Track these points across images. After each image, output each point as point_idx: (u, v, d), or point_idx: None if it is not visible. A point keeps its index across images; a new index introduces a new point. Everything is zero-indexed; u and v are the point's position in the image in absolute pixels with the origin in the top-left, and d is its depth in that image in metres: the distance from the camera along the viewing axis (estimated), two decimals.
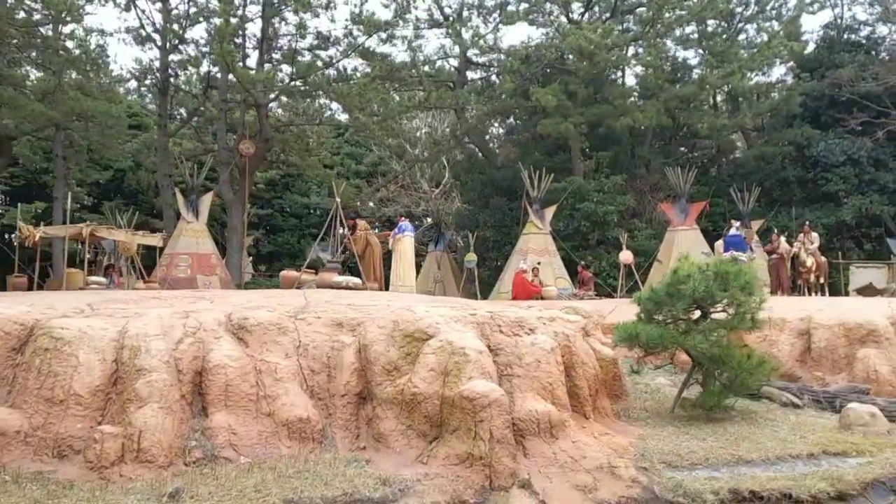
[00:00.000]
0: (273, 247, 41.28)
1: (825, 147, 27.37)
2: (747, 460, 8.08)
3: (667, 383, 11.98)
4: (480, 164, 29.59)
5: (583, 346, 9.79)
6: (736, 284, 9.09)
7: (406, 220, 13.71)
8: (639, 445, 8.26)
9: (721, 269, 9.24)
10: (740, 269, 9.31)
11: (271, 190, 40.51)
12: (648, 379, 12.08)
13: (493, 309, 9.22)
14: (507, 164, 27.23)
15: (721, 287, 9.17)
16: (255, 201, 38.37)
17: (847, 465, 8.10)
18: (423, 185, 38.05)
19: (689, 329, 9.42)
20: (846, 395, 10.70)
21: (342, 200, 35.11)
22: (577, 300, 19.16)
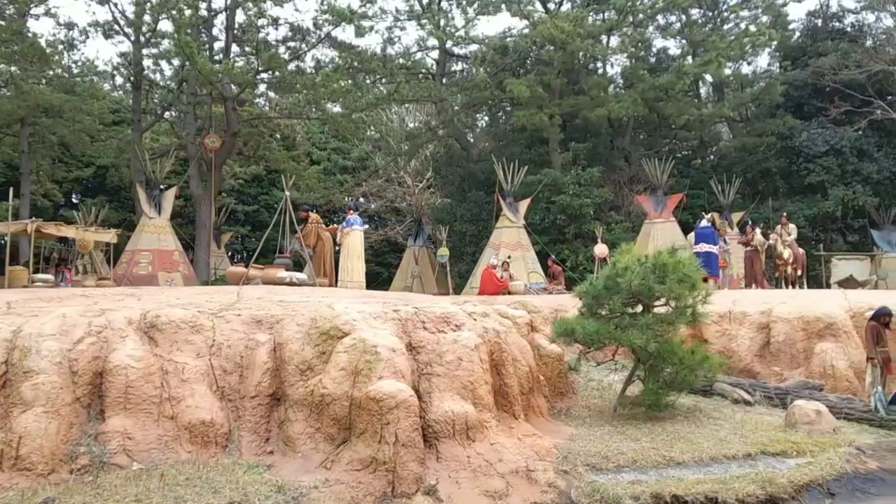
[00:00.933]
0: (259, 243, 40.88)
1: (808, 137, 26.90)
2: (679, 462, 7.68)
3: (619, 380, 11.57)
4: (459, 157, 29.14)
5: (519, 342, 9.39)
6: (674, 277, 8.66)
7: (355, 214, 13.28)
8: (565, 447, 7.86)
9: (659, 262, 8.81)
10: (679, 261, 8.87)
11: (257, 185, 39.95)
12: (602, 375, 11.68)
13: (420, 305, 8.80)
14: (485, 156, 26.73)
15: (658, 280, 8.74)
16: (241, 197, 37.90)
17: (784, 467, 7.70)
18: (407, 179, 37.60)
19: (628, 324, 8.99)
20: (798, 392, 10.28)
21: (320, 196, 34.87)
22: (546, 294, 18.74)
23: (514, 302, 12.52)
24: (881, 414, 9.29)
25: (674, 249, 9.20)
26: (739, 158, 28.50)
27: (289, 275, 12.37)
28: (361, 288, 12.89)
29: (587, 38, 21.88)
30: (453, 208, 27.97)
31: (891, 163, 26.81)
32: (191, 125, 23.29)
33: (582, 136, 27.29)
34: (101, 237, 16.18)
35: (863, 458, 8.08)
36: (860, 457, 8.11)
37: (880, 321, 9.52)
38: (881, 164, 27.00)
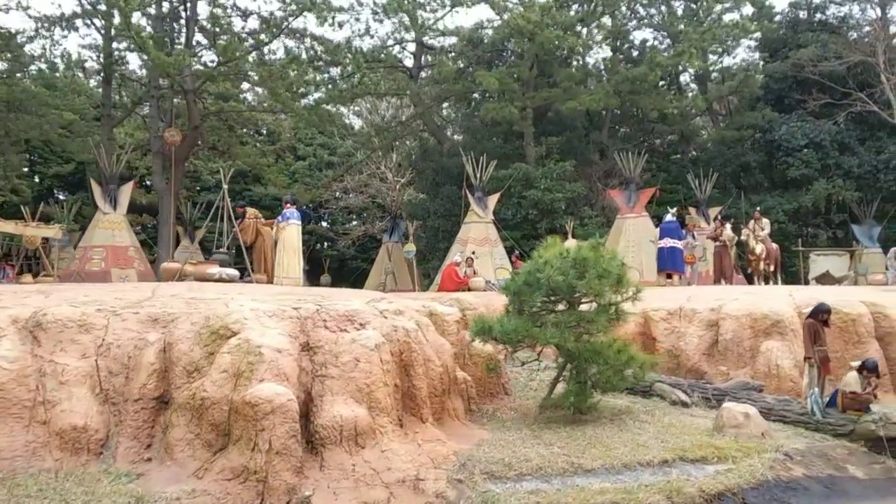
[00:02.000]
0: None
1: (787, 130, 26.36)
2: (588, 469, 7.21)
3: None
4: (434, 151, 28.63)
5: (437, 341, 8.92)
6: (593, 272, 8.17)
7: (292, 207, 12.80)
8: (467, 453, 7.39)
9: (579, 256, 8.32)
10: (601, 255, 8.38)
11: (241, 181, 39.33)
12: (546, 375, 11.21)
13: (326, 302, 8.32)
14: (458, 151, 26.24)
15: (579, 275, 8.25)
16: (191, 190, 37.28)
17: (701, 474, 7.23)
18: (388, 174, 37.14)
19: (546, 322, 8.51)
20: (736, 393, 9.80)
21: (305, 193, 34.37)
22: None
23: (449, 299, 12.04)
24: (817, 417, 8.81)
25: (596, 244, 8.69)
26: (719, 152, 27.97)
27: (218, 271, 11.90)
28: (298, 284, 12.42)
29: (557, 29, 21.32)
30: (427, 203, 27.49)
31: (872, 156, 26.26)
32: (154, 119, 22.79)
33: (557, 130, 26.75)
34: (43, 233, 15.72)
35: (788, 465, 7.62)
36: (786, 463, 7.64)
37: (818, 318, 9.03)
38: (862, 157, 26.45)
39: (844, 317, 10.88)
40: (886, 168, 25.85)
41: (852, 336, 10.81)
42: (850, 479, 7.62)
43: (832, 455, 8.02)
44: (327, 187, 33.39)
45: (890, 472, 7.85)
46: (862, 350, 10.70)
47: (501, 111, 22.52)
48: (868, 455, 8.12)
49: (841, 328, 10.87)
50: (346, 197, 39.63)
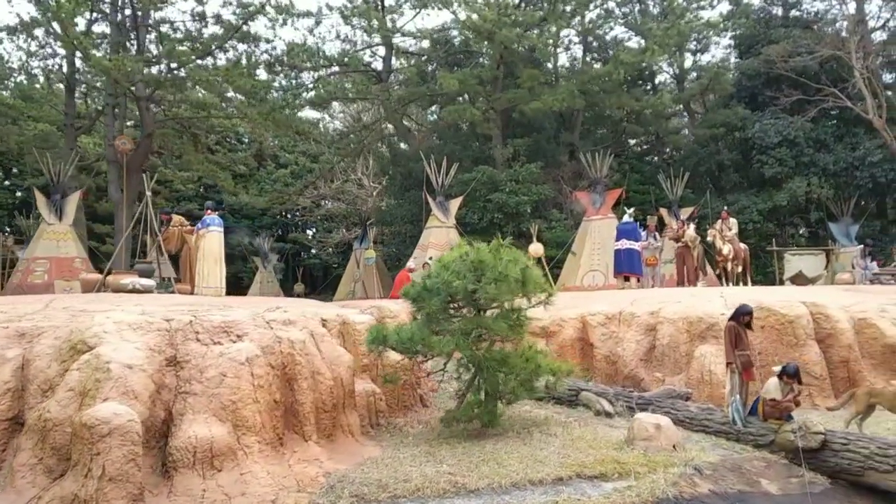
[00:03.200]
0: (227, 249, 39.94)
1: (760, 128, 25.81)
2: (471, 490, 6.64)
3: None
4: (402, 156, 28.14)
5: (333, 352, 8.37)
6: (490, 276, 7.62)
7: (214, 214, 12.28)
8: (342, 475, 6.83)
9: (477, 259, 7.77)
10: (500, 258, 7.83)
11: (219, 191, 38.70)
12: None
13: (204, 313, 7.77)
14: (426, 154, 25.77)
15: (476, 279, 7.70)
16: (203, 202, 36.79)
17: (597, 492, 6.66)
18: (365, 180, 36.68)
19: (442, 329, 7.96)
20: (661, 402, 9.23)
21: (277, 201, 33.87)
22: None
23: (370, 307, 11.48)
24: (738, 426, 8.23)
25: (498, 246, 8.13)
26: (693, 152, 27.45)
27: (131, 281, 11.38)
28: (220, 294, 11.89)
29: (516, 28, 20.82)
30: (394, 209, 26.99)
31: (848, 153, 25.69)
32: (110, 127, 22.32)
33: (526, 132, 26.27)
34: None
35: (695, 480, 7.03)
36: (693, 478, 7.06)
37: (739, 321, 8.45)
38: (838, 154, 25.89)
39: (782, 318, 10.31)
40: (862, 164, 25.28)
41: (790, 339, 10.22)
42: (762, 495, 7.04)
43: (747, 468, 7.44)
44: (299, 194, 32.88)
45: (808, 486, 7.27)
46: (800, 353, 10.13)
47: (463, 113, 22.04)
48: (787, 467, 7.54)
49: (778, 330, 10.30)
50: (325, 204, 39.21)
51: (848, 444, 7.30)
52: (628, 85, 28.94)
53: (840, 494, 7.18)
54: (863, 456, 7.14)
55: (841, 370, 10.19)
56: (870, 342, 10.36)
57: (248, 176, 41.00)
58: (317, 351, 8.07)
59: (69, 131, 25.54)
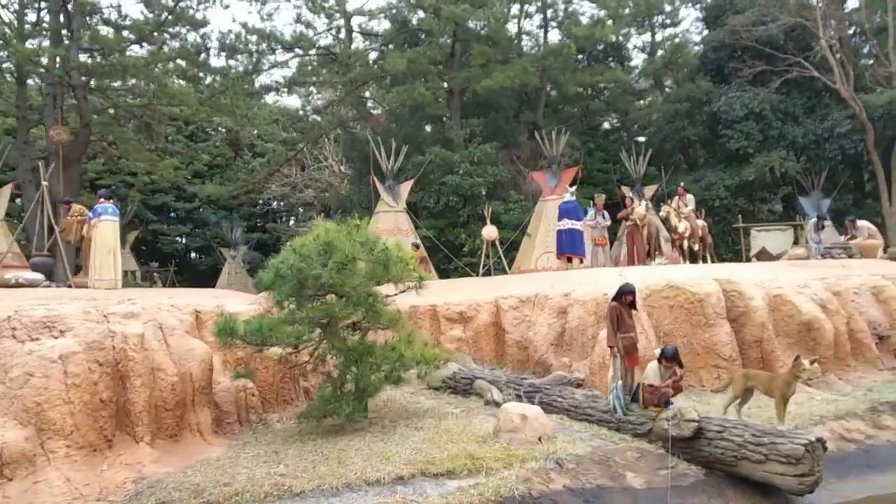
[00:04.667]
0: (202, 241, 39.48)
1: (726, 101, 24.99)
2: (297, 492, 6.08)
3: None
4: (360, 139, 27.45)
5: (184, 346, 7.80)
6: (336, 259, 7.01)
7: (109, 202, 11.66)
8: (156, 480, 6.29)
9: (325, 241, 7.16)
10: (349, 241, 7.21)
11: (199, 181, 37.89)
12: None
13: (23, 306, 7.18)
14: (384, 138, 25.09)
15: (321, 263, 7.10)
16: (181, 193, 36.21)
17: (437, 491, 6.10)
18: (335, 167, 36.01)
19: (290, 320, 7.36)
20: (549, 389, 8.65)
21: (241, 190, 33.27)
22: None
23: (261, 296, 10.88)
24: (618, 414, 7.63)
25: (356, 226, 7.51)
26: (659, 129, 26.68)
27: (14, 276, 10.83)
28: (115, 286, 11.32)
29: (462, 4, 20.07)
30: (353, 196, 26.37)
31: (817, 125, 24.88)
32: (49, 118, 21.68)
33: (484, 112, 25.54)
34: None
35: (552, 476, 6.46)
36: (550, 474, 6.48)
37: (622, 301, 7.83)
38: (807, 127, 25.06)
39: (691, 297, 9.68)
40: (831, 136, 24.47)
41: (700, 318, 9.60)
42: (623, 490, 6.46)
43: (616, 461, 6.85)
44: (264, 182, 32.30)
45: (678, 478, 6.68)
46: (710, 333, 9.52)
47: (411, 93, 21.31)
48: (661, 458, 6.94)
49: (688, 310, 9.68)
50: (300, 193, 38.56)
51: (723, 432, 6.70)
52: (593, 61, 28.17)
53: (710, 487, 6.60)
54: (736, 444, 6.56)
55: (754, 350, 9.58)
56: (785, 320, 9.75)
57: (223, 166, 40.41)
58: (161, 346, 7.51)
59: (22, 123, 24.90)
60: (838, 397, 8.78)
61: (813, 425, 7.76)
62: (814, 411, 8.11)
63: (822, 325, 9.51)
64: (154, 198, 36.92)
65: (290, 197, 38.79)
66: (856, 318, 10.34)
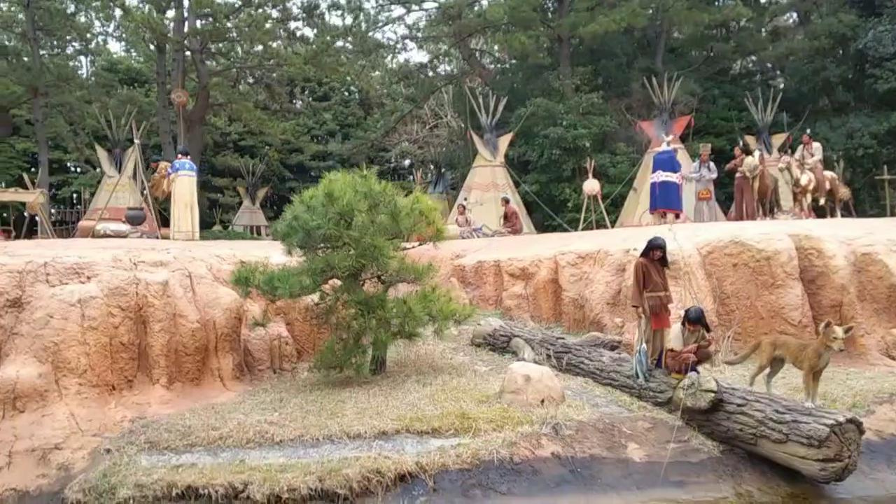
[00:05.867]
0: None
1: (874, 37, 21.90)
2: (278, 441, 6.15)
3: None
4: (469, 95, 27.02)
5: (211, 294, 8.05)
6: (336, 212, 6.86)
7: (186, 158, 12.24)
8: (151, 420, 6.60)
9: (327, 192, 7.04)
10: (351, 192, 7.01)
11: (307, 137, 39.14)
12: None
13: (59, 254, 7.67)
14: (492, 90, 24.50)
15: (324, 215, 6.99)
16: (316, 152, 37.48)
17: (414, 450, 5.95)
18: (453, 123, 35.94)
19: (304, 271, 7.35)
20: (580, 350, 8.08)
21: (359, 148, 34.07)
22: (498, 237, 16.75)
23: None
24: (640, 380, 6.97)
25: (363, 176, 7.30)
26: (794, 70, 24.01)
27: (103, 227, 11.75)
28: (191, 238, 11.94)
29: None
30: (460, 151, 26.14)
31: None
32: (175, 81, 23.21)
33: (593, 59, 24.16)
34: (21, 198, 16.46)
35: (542, 442, 6.05)
36: (541, 439, 6.08)
37: (650, 257, 7.07)
38: None
39: (757, 254, 8.61)
40: None
41: (766, 278, 8.53)
42: (618, 461, 5.91)
43: (622, 430, 6.28)
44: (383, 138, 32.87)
45: (688, 454, 6.01)
46: (776, 295, 8.45)
47: (512, 42, 20.55)
48: (674, 431, 6.27)
49: (753, 269, 8.63)
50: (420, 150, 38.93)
51: (744, 406, 5.93)
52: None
53: (724, 466, 5.89)
54: (756, 421, 5.78)
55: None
56: (874, 282, 8.42)
57: (354, 125, 41.60)
58: (185, 293, 7.79)
59: (161, 89, 26.90)
60: None
61: (878, 404, 6.70)
62: (883, 387, 6.98)
63: None
64: (291, 157, 38.70)
65: (414, 154, 39.30)
66: None
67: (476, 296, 12.06)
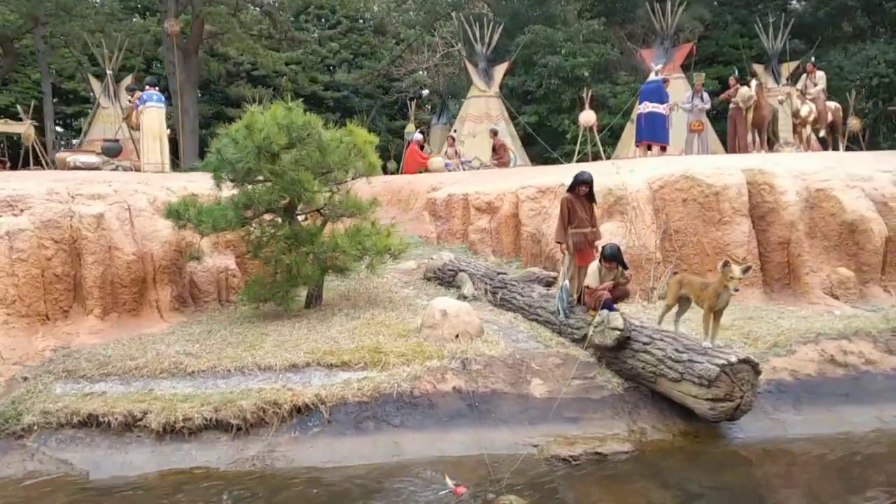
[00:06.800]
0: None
1: None
2: (191, 371, 6.30)
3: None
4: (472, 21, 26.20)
5: (150, 227, 8.11)
6: (256, 145, 6.79)
7: (154, 89, 12.13)
8: (72, 350, 6.78)
9: (247, 124, 6.95)
10: (271, 124, 6.90)
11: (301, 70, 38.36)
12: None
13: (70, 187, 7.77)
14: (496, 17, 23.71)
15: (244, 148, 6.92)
16: (330, 82, 36.85)
17: (319, 382, 6.07)
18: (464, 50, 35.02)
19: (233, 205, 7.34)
20: (515, 284, 8.02)
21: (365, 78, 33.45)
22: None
23: None
24: (560, 317, 6.92)
25: (288, 108, 7.17)
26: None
27: (73, 158, 11.83)
28: (162, 170, 11.96)
29: None
30: (463, 80, 25.53)
31: None
32: (170, 10, 22.86)
33: None
34: (11, 129, 16.61)
35: (447, 376, 6.11)
36: (447, 374, 6.13)
37: (576, 193, 6.90)
38: None
39: (706, 189, 8.36)
40: None
41: (714, 214, 8.31)
42: (518, 397, 5.94)
43: (530, 366, 6.29)
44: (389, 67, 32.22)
45: (590, 390, 6.01)
46: (723, 232, 8.25)
47: None
48: (588, 367, 6.26)
49: (702, 205, 8.40)
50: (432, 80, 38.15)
51: (648, 345, 5.87)
52: None
53: (624, 403, 5.90)
54: (656, 359, 5.74)
55: (778, 254, 8.20)
56: (826, 219, 8.16)
57: (369, 54, 40.77)
58: (122, 226, 7.85)
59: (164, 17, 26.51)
60: (864, 313, 7.32)
61: (802, 344, 6.59)
62: (813, 327, 6.85)
63: (868, 227, 7.86)
64: (304, 88, 38.19)
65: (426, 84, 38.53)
66: None
67: (444, 229, 12.02)
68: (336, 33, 36.20)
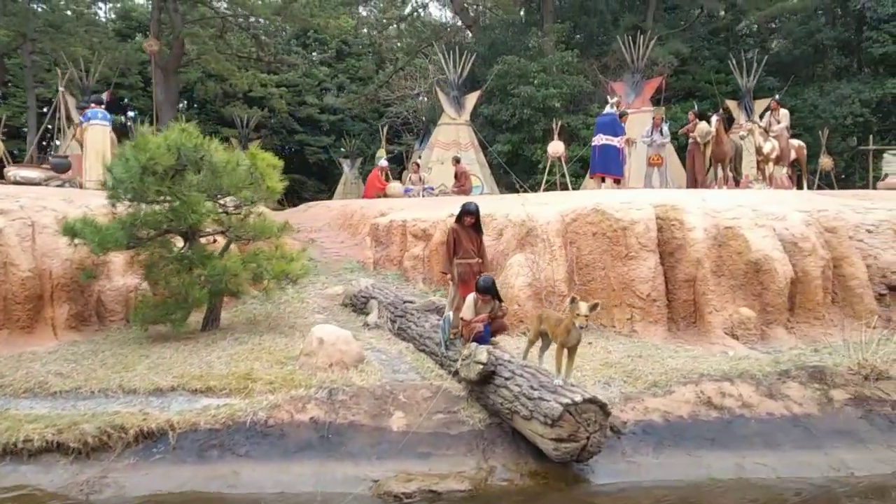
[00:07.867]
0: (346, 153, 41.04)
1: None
2: (53, 392, 6.29)
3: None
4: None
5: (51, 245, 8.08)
6: (140, 165, 6.77)
7: (99, 107, 12.23)
8: None
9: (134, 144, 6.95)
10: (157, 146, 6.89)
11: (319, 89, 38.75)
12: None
13: None
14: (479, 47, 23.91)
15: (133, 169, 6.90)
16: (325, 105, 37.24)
17: (178, 406, 6.01)
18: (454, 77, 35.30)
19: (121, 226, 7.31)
20: (413, 315, 7.92)
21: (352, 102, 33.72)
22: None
23: None
24: (441, 348, 6.82)
25: (182, 129, 7.17)
26: (787, 32, 22.85)
27: (14, 173, 11.89)
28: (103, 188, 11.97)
29: None
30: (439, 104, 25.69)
31: None
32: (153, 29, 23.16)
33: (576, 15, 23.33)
34: None
35: (308, 406, 6.00)
36: (308, 404, 6.02)
37: (462, 223, 6.85)
38: None
39: (615, 224, 8.27)
40: None
41: (621, 249, 8.21)
42: (375, 429, 5.80)
43: (398, 398, 6.17)
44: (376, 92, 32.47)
45: (450, 425, 5.88)
46: (629, 267, 8.13)
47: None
48: (458, 402, 6.14)
49: (611, 239, 8.31)
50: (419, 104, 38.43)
51: (510, 380, 5.75)
52: None
53: (481, 440, 5.77)
54: (513, 395, 5.61)
55: (685, 291, 8.08)
56: (733, 258, 8.04)
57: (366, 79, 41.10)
58: (21, 242, 7.85)
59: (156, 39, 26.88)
60: (757, 355, 7.18)
61: (682, 384, 6.44)
62: (699, 367, 6.70)
63: (772, 267, 7.73)
64: (300, 109, 38.46)
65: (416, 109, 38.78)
66: (851, 262, 8.30)
67: (383, 255, 11.97)
68: (327, 58, 36.57)
